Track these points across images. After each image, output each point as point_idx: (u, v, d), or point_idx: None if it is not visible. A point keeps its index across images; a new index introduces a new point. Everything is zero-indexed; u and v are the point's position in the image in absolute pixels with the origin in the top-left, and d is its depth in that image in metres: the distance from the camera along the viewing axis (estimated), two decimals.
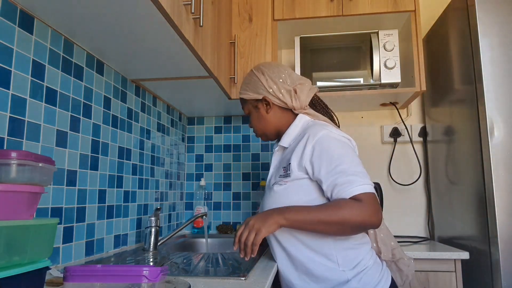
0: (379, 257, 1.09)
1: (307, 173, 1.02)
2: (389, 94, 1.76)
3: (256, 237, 0.92)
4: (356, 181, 0.94)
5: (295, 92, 1.13)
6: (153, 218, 1.37)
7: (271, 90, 1.14)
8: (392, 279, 1.05)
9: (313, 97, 1.19)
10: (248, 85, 1.19)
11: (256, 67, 1.20)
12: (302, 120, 1.15)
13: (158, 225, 1.37)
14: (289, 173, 1.04)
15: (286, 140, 1.14)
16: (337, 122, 1.22)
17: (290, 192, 1.04)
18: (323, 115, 1.19)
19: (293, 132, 1.13)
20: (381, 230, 1.11)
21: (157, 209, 1.39)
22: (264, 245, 1.39)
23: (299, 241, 1.02)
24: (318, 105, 1.20)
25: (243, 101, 1.23)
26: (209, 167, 2.16)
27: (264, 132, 1.20)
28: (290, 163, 1.05)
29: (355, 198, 0.93)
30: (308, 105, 1.18)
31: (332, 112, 1.22)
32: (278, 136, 1.20)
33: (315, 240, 1.00)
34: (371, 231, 1.10)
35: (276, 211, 0.96)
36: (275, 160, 1.19)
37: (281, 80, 1.14)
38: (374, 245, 1.10)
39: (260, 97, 1.16)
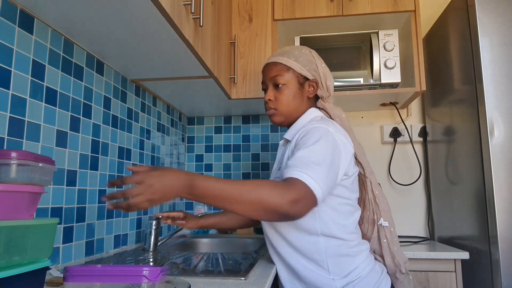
0: (395, 271, 1.04)
1: None
2: (389, 94, 1.76)
3: (143, 205, 0.73)
4: (300, 166, 0.83)
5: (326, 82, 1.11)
6: (153, 221, 1.37)
7: (322, 74, 1.09)
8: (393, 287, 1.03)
9: None
10: (300, 58, 1.09)
11: (309, 49, 1.13)
12: (312, 114, 1.08)
13: (158, 225, 1.37)
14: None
15: (290, 133, 1.07)
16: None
17: None
18: None
19: (299, 125, 1.06)
20: (394, 243, 1.06)
21: (157, 218, 1.38)
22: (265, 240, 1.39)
23: (291, 247, 0.99)
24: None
25: (282, 68, 1.08)
26: (209, 167, 2.16)
27: (290, 113, 1.09)
28: (284, 159, 1.02)
29: (286, 181, 0.82)
30: None
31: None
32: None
33: (307, 246, 0.97)
34: (384, 245, 1.06)
35: (182, 178, 0.76)
36: (278, 154, 1.14)
37: (326, 67, 1.12)
38: (389, 259, 1.05)
39: (312, 77, 1.08)
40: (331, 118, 1.10)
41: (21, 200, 0.60)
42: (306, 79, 1.08)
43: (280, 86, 1.07)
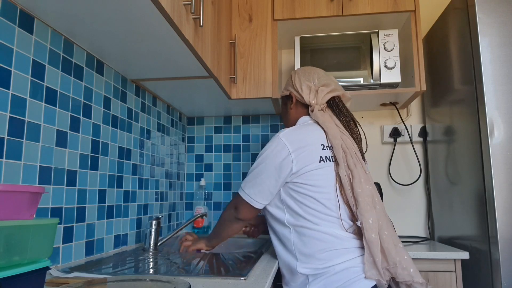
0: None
1: None
2: (389, 94, 1.76)
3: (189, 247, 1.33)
4: (243, 183, 1.14)
5: (317, 91, 1.19)
6: (154, 221, 1.37)
7: (296, 86, 1.23)
8: None
9: (334, 98, 1.21)
10: (284, 85, 1.37)
11: (295, 70, 1.31)
12: (301, 121, 1.22)
13: (158, 225, 1.37)
14: None
15: None
16: (354, 127, 1.17)
17: None
18: (337, 117, 1.18)
19: None
20: (374, 245, 0.96)
21: (157, 218, 1.39)
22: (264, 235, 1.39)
23: (272, 232, 1.17)
24: (335, 107, 1.20)
25: (280, 100, 1.37)
26: (209, 167, 2.16)
27: (287, 126, 1.28)
28: None
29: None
30: (328, 107, 1.21)
31: (352, 118, 1.19)
32: None
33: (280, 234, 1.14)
34: (366, 246, 0.97)
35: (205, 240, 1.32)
36: None
37: (307, 79, 1.22)
38: (370, 259, 0.95)
39: (288, 93, 1.27)
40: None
41: (21, 200, 0.60)
42: (287, 96, 1.29)
43: None
